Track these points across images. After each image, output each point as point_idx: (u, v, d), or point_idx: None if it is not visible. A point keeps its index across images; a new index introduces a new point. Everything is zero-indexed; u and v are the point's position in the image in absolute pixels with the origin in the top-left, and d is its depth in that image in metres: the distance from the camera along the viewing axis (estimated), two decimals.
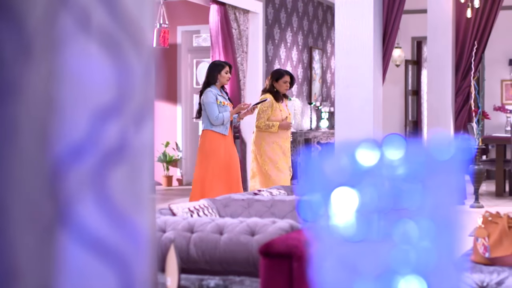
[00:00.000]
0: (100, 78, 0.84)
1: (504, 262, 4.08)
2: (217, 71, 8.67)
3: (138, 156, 0.91)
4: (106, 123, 0.86)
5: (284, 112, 9.04)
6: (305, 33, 14.39)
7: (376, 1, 7.48)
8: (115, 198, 0.87)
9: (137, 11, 0.90)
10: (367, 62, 7.38)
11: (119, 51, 0.85)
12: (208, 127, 8.61)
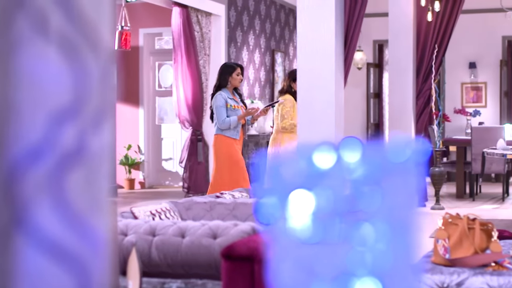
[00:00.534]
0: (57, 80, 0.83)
1: (464, 263, 4.11)
2: (228, 73, 8.51)
3: (96, 159, 0.90)
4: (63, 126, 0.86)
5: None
6: (267, 36, 14.42)
7: (337, 5, 7.52)
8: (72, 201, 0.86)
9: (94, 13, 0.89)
10: (328, 65, 7.41)
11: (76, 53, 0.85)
12: (219, 131, 8.46)
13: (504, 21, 13.40)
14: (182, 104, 11.67)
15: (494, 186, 14.06)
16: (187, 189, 11.69)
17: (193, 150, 11.76)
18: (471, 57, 15.85)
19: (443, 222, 4.34)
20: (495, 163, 12.04)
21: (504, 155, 9.01)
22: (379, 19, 15.44)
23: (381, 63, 16.58)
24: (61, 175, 0.85)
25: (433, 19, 11.26)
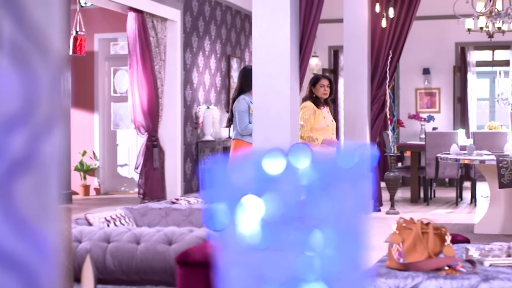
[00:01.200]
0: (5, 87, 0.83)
1: (418, 267, 4.15)
2: (251, 77, 8.07)
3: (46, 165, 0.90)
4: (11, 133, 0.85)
5: (327, 119, 8.69)
6: (223, 41, 14.43)
7: (293, 10, 7.55)
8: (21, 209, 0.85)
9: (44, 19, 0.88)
10: (284, 71, 7.43)
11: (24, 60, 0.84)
12: (238, 136, 8.22)
13: (457, 28, 13.56)
14: (137, 109, 11.61)
15: (448, 191, 14.22)
16: (143, 195, 11.63)
17: (148, 156, 11.71)
18: (425, 63, 16.03)
19: (397, 226, 4.38)
20: (448, 167, 12.17)
21: (457, 160, 9.11)
22: (334, 25, 15.53)
23: (336, 69, 16.68)
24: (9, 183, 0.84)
25: (388, 26, 11.36)
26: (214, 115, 13.44)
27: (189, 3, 12.85)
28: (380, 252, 7.87)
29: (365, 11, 11.17)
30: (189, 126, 12.83)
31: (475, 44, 15.81)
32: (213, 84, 13.93)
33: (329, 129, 8.56)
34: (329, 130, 8.56)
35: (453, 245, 5.00)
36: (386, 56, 11.31)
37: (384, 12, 11.35)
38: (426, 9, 14.87)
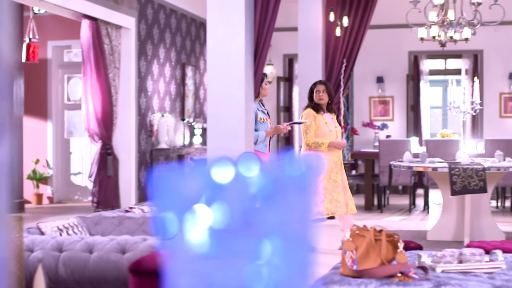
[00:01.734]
0: None
1: (371, 274, 4.18)
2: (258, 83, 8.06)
3: None
4: None
5: (329, 124, 8.47)
6: (178, 49, 14.40)
7: (247, 18, 7.57)
8: None
9: None
10: (238, 79, 7.44)
11: None
12: None
13: (410, 37, 13.71)
14: (91, 117, 11.53)
15: (401, 198, 14.35)
16: (97, 203, 11.54)
17: (102, 164, 11.62)
18: (379, 71, 16.16)
19: (351, 234, 4.41)
20: (402, 175, 12.28)
21: (410, 167, 9.20)
22: (289, 34, 15.59)
23: (291, 77, 16.74)
24: None
25: (342, 34, 11.44)
26: (168, 123, 13.40)
27: (144, 10, 12.81)
28: (334, 259, 7.91)
29: (319, 19, 11.24)
30: (144, 134, 12.77)
31: (427, 53, 15.99)
32: (167, 92, 13.88)
33: (332, 134, 8.41)
34: (333, 136, 8.42)
35: (406, 251, 5.05)
36: (340, 64, 11.39)
37: (338, 21, 11.43)
38: (379, 18, 15.01)
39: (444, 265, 4.39)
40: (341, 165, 8.50)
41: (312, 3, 11.22)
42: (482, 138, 14.63)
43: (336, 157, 8.42)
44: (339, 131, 8.53)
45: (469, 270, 4.39)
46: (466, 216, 8.94)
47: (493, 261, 4.50)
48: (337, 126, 8.53)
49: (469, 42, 13.05)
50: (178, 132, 14.32)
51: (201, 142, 14.66)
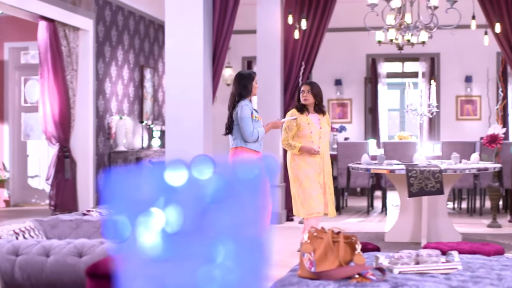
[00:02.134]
0: None
1: (329, 276, 4.20)
2: (249, 82, 7.85)
3: None
4: None
5: (313, 126, 8.29)
6: (136, 51, 14.33)
7: (206, 21, 7.56)
8: None
9: None
10: (197, 81, 7.43)
11: None
12: (241, 144, 7.81)
13: (367, 40, 13.80)
14: (48, 120, 11.42)
15: (359, 200, 14.43)
16: (54, 207, 11.44)
17: (60, 167, 11.52)
18: (337, 74, 16.25)
19: (309, 236, 4.42)
20: (360, 177, 12.36)
21: (368, 169, 9.25)
22: (247, 36, 15.62)
23: None
24: None
25: (300, 37, 11.48)
26: (127, 126, 13.33)
27: (102, 12, 12.73)
28: (293, 261, 7.93)
29: (278, 22, 11.27)
30: (102, 136, 12.68)
31: (385, 56, 16.12)
32: (126, 94, 13.81)
33: (313, 135, 8.24)
34: (314, 137, 8.25)
35: (364, 253, 5.08)
36: (299, 67, 11.43)
37: (296, 24, 11.47)
38: (338, 22, 15.10)
39: (401, 266, 4.42)
40: (326, 167, 8.36)
41: (270, 6, 11.25)
42: (439, 140, 14.77)
43: (319, 158, 8.29)
44: (324, 132, 8.34)
45: (426, 271, 4.43)
46: (423, 217, 9.02)
47: (450, 262, 4.55)
48: (322, 127, 8.33)
49: (426, 45, 13.17)
50: (136, 134, 14.25)
51: (160, 145, 14.60)
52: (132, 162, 13.46)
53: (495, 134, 10.47)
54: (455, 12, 9.20)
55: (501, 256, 5.18)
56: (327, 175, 8.40)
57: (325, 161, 8.39)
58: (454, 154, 9.58)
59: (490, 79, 14.81)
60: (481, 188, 12.25)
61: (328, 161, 8.43)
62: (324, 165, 8.37)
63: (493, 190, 10.88)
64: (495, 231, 10.31)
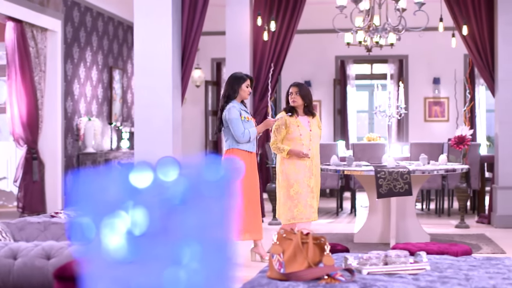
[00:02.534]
0: None
1: (298, 277, 4.21)
2: (237, 84, 7.82)
3: None
4: None
5: (302, 128, 8.12)
6: (105, 52, 14.27)
7: (175, 22, 7.54)
8: None
9: None
10: (166, 83, 7.41)
11: None
12: (234, 145, 7.78)
13: (336, 42, 13.87)
14: (16, 121, 11.33)
15: (328, 201, 14.48)
16: (22, 209, 11.35)
17: (28, 169, 11.44)
18: (306, 76, 16.30)
19: (278, 237, 4.43)
20: (329, 178, 12.40)
21: (337, 170, 9.28)
22: (217, 38, 15.61)
23: (219, 81, 16.75)
24: None
25: (269, 39, 11.50)
26: (95, 127, 13.26)
27: (70, 13, 12.66)
28: (262, 263, 7.94)
29: (247, 24, 11.27)
30: (70, 138, 12.61)
31: (354, 57, 16.19)
32: (94, 96, 13.74)
33: (303, 138, 8.08)
34: (304, 140, 8.09)
35: (333, 254, 5.10)
36: (268, 68, 11.44)
37: (266, 26, 11.48)
38: (307, 23, 15.14)
39: (370, 267, 4.45)
40: (315, 170, 8.20)
41: (239, 8, 11.25)
42: (407, 142, 14.86)
43: (309, 161, 8.13)
44: (314, 134, 8.18)
45: (395, 271, 4.46)
46: (392, 218, 9.07)
47: (418, 263, 4.58)
48: (312, 130, 8.17)
49: (395, 47, 13.26)
50: (105, 136, 14.19)
51: (129, 146, 14.54)
52: (101, 163, 13.40)
53: (462, 135, 10.56)
54: (423, 14, 9.26)
55: (469, 257, 5.22)
56: (316, 178, 8.24)
57: (315, 164, 8.23)
58: (422, 156, 9.65)
59: (458, 81, 14.93)
60: (449, 189, 12.34)
61: (317, 165, 8.28)
62: (314, 169, 8.21)
63: (461, 191, 10.96)
64: (463, 231, 10.39)
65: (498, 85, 10.88)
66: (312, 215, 8.19)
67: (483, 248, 8.87)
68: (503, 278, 4.34)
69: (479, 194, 12.32)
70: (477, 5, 11.13)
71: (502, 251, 8.69)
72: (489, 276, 4.39)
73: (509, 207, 10.90)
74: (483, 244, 9.17)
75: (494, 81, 11.04)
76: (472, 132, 10.66)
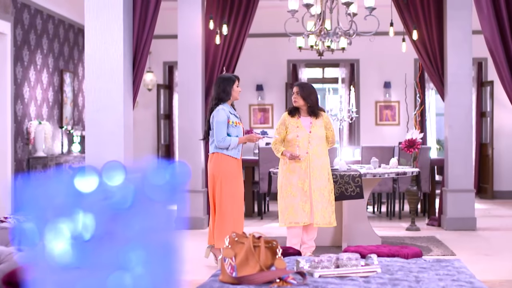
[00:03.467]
0: None
1: (250, 280, 4.21)
2: (229, 86, 7.71)
3: None
4: None
5: (301, 129, 8.00)
6: (56, 55, 14.12)
7: (126, 25, 7.50)
8: None
9: None
10: (117, 86, 7.36)
11: None
12: (218, 149, 7.67)
13: (288, 46, 13.91)
14: None
15: None
16: None
17: None
18: (259, 79, 16.32)
19: (230, 241, 4.43)
20: None
21: None
22: (169, 41, 15.57)
23: (171, 85, 16.69)
24: None
25: (221, 42, 11.50)
26: (46, 131, 13.11)
27: (20, 15, 12.51)
28: (215, 266, 7.93)
29: (199, 27, 11.25)
30: (20, 142, 12.45)
31: (306, 61, 16.26)
32: (45, 99, 13.59)
33: (298, 140, 7.99)
34: (301, 141, 7.99)
35: (285, 257, 5.12)
36: (220, 72, 11.44)
37: (218, 29, 11.48)
38: (259, 27, 15.18)
39: (321, 270, 4.46)
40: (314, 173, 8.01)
41: (191, 11, 11.23)
42: (359, 145, 14.97)
43: (304, 164, 7.99)
44: (314, 136, 8.01)
45: (346, 274, 4.48)
46: (343, 221, 9.12)
47: (369, 265, 4.61)
48: (312, 131, 8.01)
49: (346, 51, 13.34)
50: (56, 140, 14.04)
51: (80, 150, 14.42)
52: (52, 167, 13.26)
53: (413, 139, 10.67)
54: (374, 19, 9.34)
55: (419, 259, 5.27)
56: (315, 181, 8.03)
57: (313, 167, 8.03)
58: (373, 159, 9.72)
59: (408, 85, 15.08)
60: (400, 192, 12.45)
61: (317, 167, 8.04)
62: (311, 172, 8.02)
63: (412, 194, 11.08)
64: (414, 234, 10.49)
65: (448, 89, 11.02)
66: (303, 219, 8.00)
67: (433, 250, 8.97)
68: (452, 279, 4.39)
69: (429, 197, 12.46)
70: (427, 11, 11.26)
71: (452, 253, 8.79)
72: (439, 278, 4.44)
73: (458, 210, 11.04)
74: (433, 246, 9.27)
75: (443, 85, 11.17)
76: (422, 135, 10.78)
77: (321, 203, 8.03)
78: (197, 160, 11.14)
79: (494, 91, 15.61)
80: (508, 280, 7.28)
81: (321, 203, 8.03)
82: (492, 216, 12.68)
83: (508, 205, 14.54)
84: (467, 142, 11.07)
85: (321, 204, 8.03)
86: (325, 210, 8.04)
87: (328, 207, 8.08)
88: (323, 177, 8.07)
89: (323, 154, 8.09)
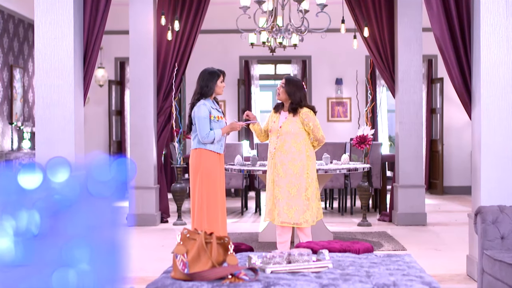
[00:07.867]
0: None
1: (202, 277, 4.21)
2: (212, 81, 7.58)
3: None
4: None
5: (276, 124, 7.84)
6: (5, 50, 13.94)
7: (76, 21, 7.43)
8: None
9: None
10: (67, 82, 7.29)
11: None
12: (201, 145, 7.52)
13: (240, 42, 13.92)
14: None
15: (233, 201, 14.51)
16: None
17: None
18: None
19: (182, 237, 4.42)
20: (234, 178, 12.43)
21: (241, 170, 9.32)
22: (120, 37, 15.47)
23: (123, 81, 16.58)
24: None
25: (173, 38, 11.45)
26: None
27: None
28: (167, 263, 7.90)
29: (151, 23, 11.20)
30: None
31: (258, 58, 16.28)
32: None
33: (270, 134, 7.88)
34: (270, 136, 7.88)
35: (237, 253, 5.12)
36: (172, 68, 11.39)
37: (169, 25, 11.43)
38: (211, 23, 15.16)
39: (273, 266, 4.48)
40: (282, 170, 7.78)
41: (143, 7, 11.16)
42: None
43: (271, 161, 7.86)
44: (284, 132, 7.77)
45: (298, 270, 4.50)
46: None
47: (320, 261, 4.64)
48: (282, 127, 7.80)
49: (298, 48, 13.39)
50: (5, 136, 13.86)
51: (30, 146, 14.25)
52: (1, 164, 13.08)
53: (364, 135, 10.74)
54: (325, 16, 9.38)
55: (370, 254, 5.32)
56: (278, 178, 7.81)
57: (277, 163, 7.81)
58: (325, 155, 9.77)
59: (360, 82, 15.19)
60: (351, 188, 12.54)
61: (283, 163, 7.78)
62: (275, 167, 7.84)
63: (363, 189, 11.16)
64: (365, 229, 10.58)
65: (398, 86, 11.12)
66: (269, 216, 7.85)
67: (384, 246, 9.05)
68: (403, 274, 4.44)
69: (380, 192, 12.57)
70: (378, 8, 11.35)
71: (402, 248, 8.88)
72: (389, 273, 4.48)
73: (409, 205, 11.15)
74: (385, 242, 9.35)
75: (394, 82, 11.27)
76: (373, 132, 10.86)
77: (285, 201, 7.77)
78: (149, 157, 11.09)
79: (444, 88, 15.79)
80: (457, 274, 7.37)
81: (285, 200, 7.77)
82: (442, 212, 12.83)
83: (457, 200, 14.74)
84: (417, 138, 11.18)
85: (285, 201, 7.76)
86: (290, 209, 7.76)
87: (294, 206, 7.77)
88: (290, 174, 7.78)
89: (295, 151, 7.79)
